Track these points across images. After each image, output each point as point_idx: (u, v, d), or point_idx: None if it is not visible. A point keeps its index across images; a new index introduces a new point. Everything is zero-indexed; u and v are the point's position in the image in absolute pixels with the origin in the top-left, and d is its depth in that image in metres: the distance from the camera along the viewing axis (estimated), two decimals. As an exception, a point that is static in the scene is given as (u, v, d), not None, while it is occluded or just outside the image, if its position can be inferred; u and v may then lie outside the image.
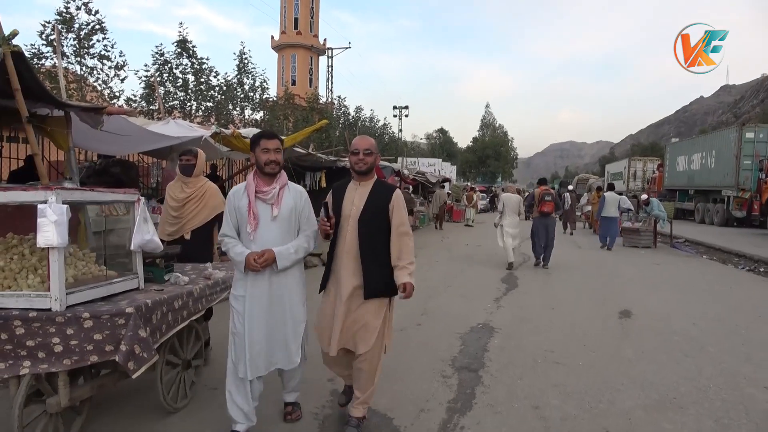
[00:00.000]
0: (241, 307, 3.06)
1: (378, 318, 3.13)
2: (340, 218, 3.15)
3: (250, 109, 20.03)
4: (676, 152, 28.93)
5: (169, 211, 4.45)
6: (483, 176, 62.13)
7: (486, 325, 5.96)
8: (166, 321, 3.03)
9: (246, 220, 3.04)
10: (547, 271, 10.07)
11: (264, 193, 3.04)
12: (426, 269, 10.10)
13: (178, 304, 3.17)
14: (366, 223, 3.08)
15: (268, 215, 3.05)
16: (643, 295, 7.93)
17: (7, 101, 5.21)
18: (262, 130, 3.82)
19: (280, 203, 3.06)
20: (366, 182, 3.22)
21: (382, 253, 3.11)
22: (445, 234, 18.33)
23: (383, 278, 3.11)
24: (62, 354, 2.61)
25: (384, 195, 3.16)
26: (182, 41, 16.40)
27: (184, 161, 4.43)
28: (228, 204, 3.13)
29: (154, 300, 2.92)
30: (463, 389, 4.03)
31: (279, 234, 3.06)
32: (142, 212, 3.16)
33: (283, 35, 45.31)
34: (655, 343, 5.38)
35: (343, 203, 3.18)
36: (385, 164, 18.21)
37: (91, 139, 6.88)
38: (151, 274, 3.42)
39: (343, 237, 3.14)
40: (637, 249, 14.20)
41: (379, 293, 3.12)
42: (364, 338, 3.10)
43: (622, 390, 4.07)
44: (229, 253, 3.07)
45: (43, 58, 12.07)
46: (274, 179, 3.09)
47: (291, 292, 3.14)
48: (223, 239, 3.12)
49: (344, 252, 3.12)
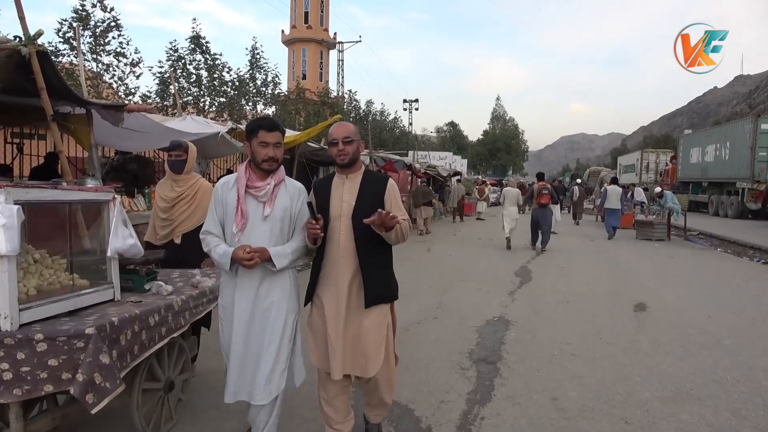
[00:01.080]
0: (228, 318, 2.71)
1: (382, 327, 2.76)
2: (328, 219, 2.73)
3: (263, 104, 20.14)
4: (689, 144, 28.66)
5: (158, 212, 4.02)
6: (494, 169, 61.92)
7: (502, 318, 6.01)
8: (139, 341, 2.54)
9: (233, 218, 2.65)
10: (561, 265, 10.09)
11: (257, 189, 2.65)
12: (439, 263, 10.17)
13: (155, 320, 2.67)
14: (361, 219, 2.60)
15: (258, 214, 2.65)
16: (657, 288, 7.93)
17: (30, 99, 5.32)
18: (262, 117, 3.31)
19: (273, 202, 2.67)
20: (354, 175, 2.81)
21: (381, 253, 2.77)
22: (458, 228, 18.35)
23: (384, 281, 2.77)
24: (12, 382, 2.19)
25: (377, 186, 2.78)
26: (196, 37, 16.52)
27: (173, 156, 3.95)
28: (214, 197, 2.75)
29: (123, 317, 2.43)
30: (481, 381, 4.09)
31: (269, 236, 2.66)
32: (119, 213, 2.74)
33: (294, 29, 45.32)
34: (670, 335, 5.40)
35: (331, 201, 2.76)
36: (396, 158, 18.25)
37: (110, 135, 6.99)
38: (131, 282, 3.01)
39: (335, 240, 2.72)
40: (651, 242, 14.15)
41: (383, 298, 2.76)
42: (371, 356, 2.69)
43: (639, 382, 4.12)
44: (212, 253, 2.67)
45: (61, 56, 12.23)
46: (270, 174, 2.70)
47: (279, 308, 2.69)
48: (205, 237, 2.71)
49: (339, 257, 2.71)
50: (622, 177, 35.54)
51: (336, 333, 2.69)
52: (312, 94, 27.84)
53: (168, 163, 3.98)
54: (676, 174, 30.02)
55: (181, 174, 3.95)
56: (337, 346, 2.68)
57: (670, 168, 31.46)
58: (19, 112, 6.08)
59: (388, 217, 2.48)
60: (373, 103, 32.55)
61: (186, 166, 3.97)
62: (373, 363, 2.68)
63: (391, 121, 35.58)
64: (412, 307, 6.37)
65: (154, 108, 11.36)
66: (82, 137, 5.73)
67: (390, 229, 2.54)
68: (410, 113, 45.86)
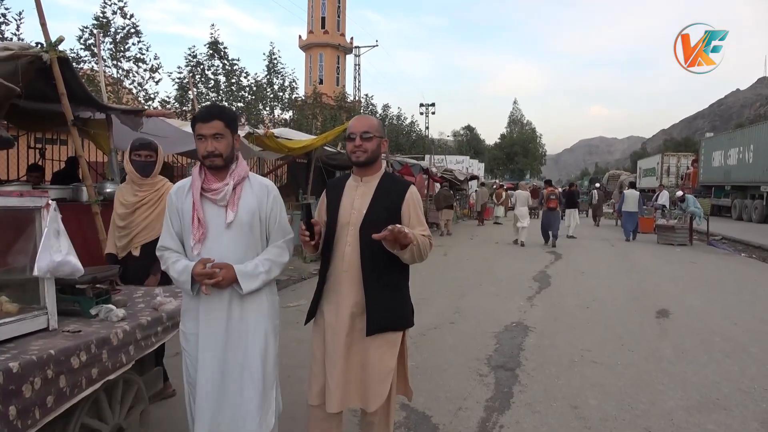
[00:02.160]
0: (192, 348, 2.27)
1: (392, 358, 2.36)
2: (336, 225, 2.37)
3: (280, 108, 20.25)
4: (711, 147, 28.18)
5: (115, 219, 3.49)
6: (511, 173, 61.51)
7: (520, 323, 5.92)
8: (56, 390, 1.94)
9: (190, 228, 2.24)
10: (580, 270, 9.94)
11: (213, 191, 2.23)
12: (457, 267, 10.09)
13: (80, 360, 2.04)
14: (371, 233, 2.20)
15: (220, 222, 2.23)
16: (680, 293, 7.77)
17: (52, 105, 5.41)
18: (202, 107, 2.92)
19: (236, 205, 2.25)
20: (369, 177, 2.41)
21: (392, 273, 2.34)
22: (475, 232, 18.24)
23: (393, 306, 2.36)
24: None
25: (395, 193, 2.37)
26: (214, 43, 16.69)
27: (142, 157, 3.41)
28: (168, 206, 2.34)
29: (28, 361, 1.84)
30: (500, 388, 4.02)
31: (236, 247, 2.25)
32: (52, 222, 2.18)
33: (311, 35, 45.64)
34: (694, 342, 5.27)
35: (341, 206, 2.38)
36: (413, 162, 18.22)
37: (129, 140, 7.06)
38: (78, 305, 2.49)
39: (340, 251, 2.35)
40: (673, 246, 13.90)
41: (388, 326, 2.34)
42: (375, 390, 2.32)
43: (662, 390, 4.01)
44: (170, 271, 2.27)
45: (82, 62, 12.43)
46: (227, 172, 2.28)
47: (256, 331, 2.28)
48: (162, 254, 2.32)
49: (342, 271, 2.33)
50: (642, 181, 35.08)
51: (333, 360, 2.31)
52: (329, 98, 27.94)
53: (134, 164, 3.41)
54: (697, 178, 29.55)
55: (149, 177, 3.43)
56: (334, 375, 2.30)
57: (692, 171, 30.96)
58: (41, 118, 6.18)
59: (402, 234, 2.10)
60: (389, 107, 32.66)
61: (155, 169, 3.47)
62: (378, 396, 2.32)
63: (408, 125, 35.55)
64: (429, 312, 6.31)
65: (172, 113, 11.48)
66: (102, 142, 5.81)
67: (404, 247, 2.17)
68: (427, 117, 45.70)
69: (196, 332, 2.26)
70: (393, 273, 2.35)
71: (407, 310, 2.45)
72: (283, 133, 9.62)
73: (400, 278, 2.42)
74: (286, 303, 6.38)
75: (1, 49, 4.30)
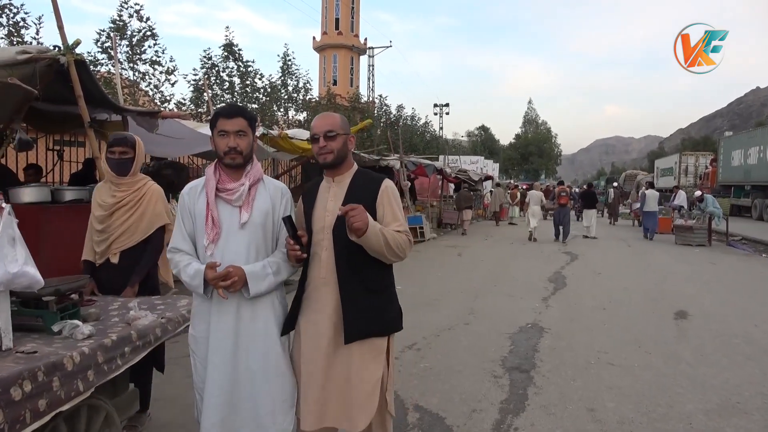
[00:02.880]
0: (202, 351, 2.23)
1: (379, 367, 2.20)
2: (312, 232, 2.26)
3: (294, 109, 20.33)
4: (730, 146, 27.72)
5: (93, 222, 3.19)
6: (526, 173, 61.13)
7: (535, 324, 5.87)
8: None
9: (203, 228, 2.21)
10: (597, 270, 9.83)
11: (229, 191, 2.21)
12: (471, 268, 10.04)
13: (23, 391, 1.70)
14: (345, 234, 2.08)
15: (234, 222, 2.21)
16: (698, 295, 7.65)
17: (69, 107, 5.47)
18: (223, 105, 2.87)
19: (250, 205, 2.24)
20: (341, 177, 2.29)
21: (371, 275, 2.20)
22: (489, 233, 18.14)
23: (375, 309, 2.20)
24: None
25: (368, 190, 2.23)
26: (229, 45, 16.80)
27: (117, 154, 3.08)
28: (181, 206, 2.29)
29: None
30: (515, 390, 3.98)
31: (248, 249, 2.22)
32: (5, 229, 1.94)
33: (325, 36, 45.76)
34: (714, 345, 5.18)
35: (314, 210, 2.28)
36: (427, 162, 18.18)
37: (146, 142, 7.10)
38: (41, 320, 2.22)
39: (317, 258, 2.23)
40: (691, 247, 13.69)
41: (370, 331, 2.18)
42: (362, 405, 2.14)
43: (681, 393, 3.94)
44: (181, 275, 2.22)
45: (99, 65, 12.59)
46: (243, 172, 2.26)
47: (270, 330, 2.24)
48: (173, 256, 2.26)
49: (320, 277, 2.22)
50: (660, 180, 34.62)
51: (310, 372, 2.19)
52: (343, 99, 28.00)
53: (109, 162, 3.13)
54: (716, 177, 29.10)
55: (126, 176, 3.12)
56: (312, 388, 2.17)
57: (711, 171, 30.50)
58: (59, 120, 6.27)
59: (351, 213, 1.96)
60: (403, 107, 32.54)
61: (133, 166, 3.15)
62: (364, 413, 2.14)
63: (422, 126, 35.46)
64: (443, 313, 6.29)
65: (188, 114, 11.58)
66: (118, 143, 5.85)
67: (356, 232, 2.00)
68: (441, 117, 45.71)
69: (206, 335, 2.21)
70: (373, 275, 2.21)
71: (392, 313, 2.29)
72: (297, 134, 9.65)
73: (382, 280, 2.27)
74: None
75: (20, 53, 4.36)
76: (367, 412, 2.14)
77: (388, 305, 2.28)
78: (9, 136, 5.59)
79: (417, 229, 14.39)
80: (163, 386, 3.85)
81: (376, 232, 2.04)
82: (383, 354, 2.22)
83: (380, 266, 2.21)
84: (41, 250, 4.86)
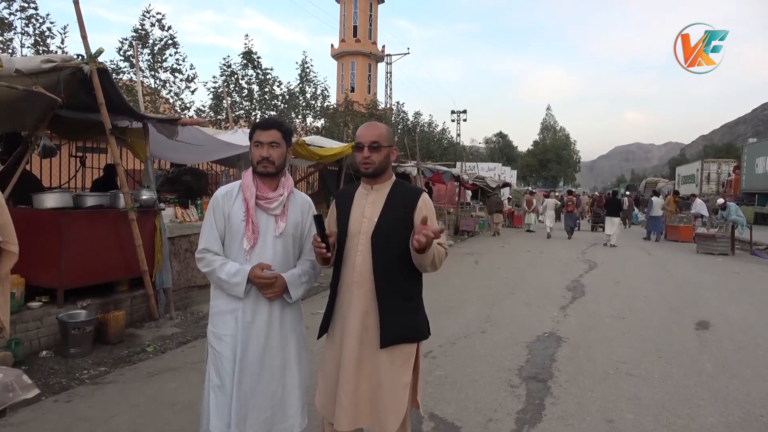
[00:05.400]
0: (228, 350, 2.28)
1: (408, 372, 2.26)
2: (345, 236, 2.31)
3: (312, 116, 20.46)
4: (754, 153, 27.21)
5: None
6: (544, 180, 60.65)
7: (553, 334, 5.80)
8: None
9: (242, 233, 2.29)
10: (616, 279, 9.70)
11: (268, 200, 2.32)
12: (487, 276, 9.97)
13: None
14: (383, 241, 2.21)
15: (269, 230, 2.33)
16: (721, 305, 7.50)
17: (92, 115, 5.58)
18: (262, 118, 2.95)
19: (286, 215, 2.36)
20: (380, 185, 2.35)
21: (405, 282, 2.27)
22: (506, 240, 18.02)
23: (407, 316, 2.27)
24: None
25: (406, 200, 2.28)
26: (248, 53, 16.98)
27: None
28: (214, 208, 2.35)
29: None
30: (531, 400, 3.94)
31: (281, 257, 2.35)
32: None
33: (343, 43, 46.04)
34: (737, 356, 5.07)
35: (351, 216, 2.32)
36: (444, 169, 18.14)
37: (166, 148, 7.24)
38: None
39: (350, 262, 2.28)
40: (713, 256, 13.44)
41: (404, 337, 2.25)
42: (392, 408, 2.21)
43: (702, 405, 3.86)
44: (216, 273, 2.27)
45: (121, 73, 12.81)
46: (277, 182, 2.37)
47: (292, 339, 2.40)
48: (205, 256, 2.31)
49: (353, 282, 2.26)
50: (682, 188, 34.12)
51: (345, 375, 2.23)
52: (360, 106, 28.11)
53: None
54: (739, 185, 28.59)
55: None
56: (346, 390, 2.21)
57: (734, 178, 30.00)
58: (82, 127, 6.39)
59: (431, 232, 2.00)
60: (421, 114, 32.57)
61: None
62: (395, 416, 2.21)
63: (439, 133, 35.41)
64: (459, 321, 6.25)
65: (207, 121, 11.74)
66: (138, 150, 5.96)
67: (425, 248, 2.04)
68: (458, 124, 45.67)
69: (233, 333, 2.28)
70: (407, 282, 2.28)
71: (422, 320, 2.36)
72: (315, 141, 9.71)
73: (414, 288, 2.33)
74: (316, 309, 6.40)
75: (45, 62, 4.47)
76: (398, 415, 2.21)
77: (418, 313, 2.34)
78: (34, 143, 5.71)
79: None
80: (180, 390, 3.89)
81: (434, 249, 2.12)
82: (412, 359, 2.29)
83: (414, 274, 2.29)
84: (63, 254, 4.96)
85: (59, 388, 3.95)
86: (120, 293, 5.62)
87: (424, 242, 2.00)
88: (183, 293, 6.46)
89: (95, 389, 3.97)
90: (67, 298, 5.02)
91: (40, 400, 3.69)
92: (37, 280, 4.97)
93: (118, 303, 5.45)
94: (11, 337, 4.39)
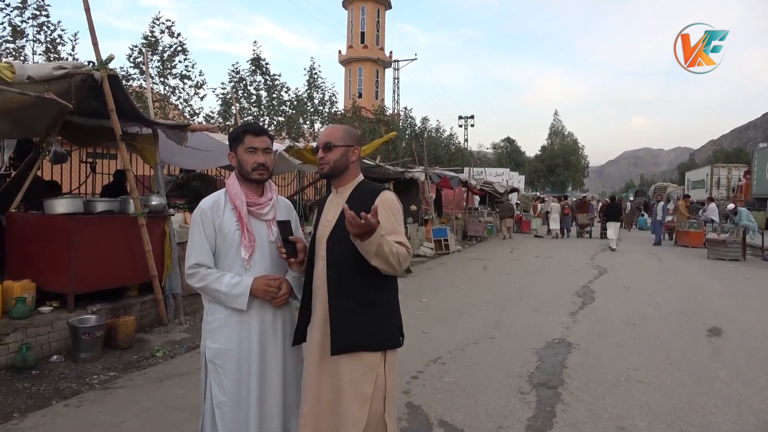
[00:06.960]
0: (231, 364, 2.21)
1: (368, 383, 2.10)
2: (314, 241, 2.29)
3: (320, 122, 20.52)
4: (765, 158, 26.98)
5: None
6: (552, 186, 60.44)
7: (563, 340, 5.76)
8: None
9: (237, 243, 2.24)
10: (626, 285, 9.62)
11: (260, 206, 2.30)
12: (496, 281, 9.93)
13: None
14: (338, 244, 2.13)
15: (265, 236, 2.29)
16: (733, 311, 7.42)
17: (102, 121, 5.62)
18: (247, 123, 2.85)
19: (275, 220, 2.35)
20: (344, 188, 2.28)
21: (363, 287, 2.14)
22: (514, 245, 17.95)
23: (364, 322, 2.12)
24: None
25: (366, 200, 2.13)
26: (256, 59, 17.07)
27: None
28: (203, 220, 2.26)
29: None
30: (542, 407, 3.90)
31: (278, 261, 2.32)
32: None
33: (350, 49, 46.22)
34: (750, 363, 5.01)
35: (320, 220, 2.31)
36: (452, 175, 18.13)
37: (175, 154, 7.29)
38: None
39: (316, 267, 2.24)
40: (724, 262, 13.32)
41: (360, 345, 2.11)
42: (351, 420, 2.08)
43: (715, 413, 3.81)
44: (212, 286, 2.20)
45: (131, 80, 12.90)
46: (263, 188, 2.36)
47: (286, 347, 2.34)
48: (197, 271, 2.22)
49: (316, 287, 2.21)
50: (691, 193, 33.88)
51: (306, 383, 2.21)
52: (368, 112, 28.16)
53: None
54: (750, 190, 28.34)
55: None
56: (306, 399, 2.18)
57: (744, 183, 29.73)
58: (92, 133, 6.44)
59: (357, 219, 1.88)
60: (428, 120, 32.52)
61: None
62: (354, 428, 2.08)
63: (447, 138, 35.41)
64: (467, 326, 6.22)
65: (216, 127, 11.80)
66: (148, 156, 5.99)
67: (362, 236, 1.94)
68: (466, 129, 45.55)
69: (234, 347, 2.21)
70: (365, 288, 2.14)
71: (387, 328, 2.18)
72: (323, 147, 9.73)
73: (376, 293, 2.17)
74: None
75: (56, 68, 4.51)
76: (357, 429, 2.08)
77: (382, 320, 2.18)
78: (45, 149, 5.76)
79: (442, 241, 14.32)
80: (189, 396, 3.89)
81: (378, 240, 1.96)
82: (374, 370, 2.12)
83: (375, 280, 2.14)
84: (73, 259, 4.99)
85: (70, 393, 3.96)
86: (129, 298, 5.64)
87: (352, 224, 1.90)
88: (192, 298, 6.47)
89: (105, 394, 3.98)
90: (77, 303, 5.04)
91: (51, 405, 3.71)
92: (48, 285, 5.00)
93: (127, 308, 5.47)
94: (22, 342, 4.41)
